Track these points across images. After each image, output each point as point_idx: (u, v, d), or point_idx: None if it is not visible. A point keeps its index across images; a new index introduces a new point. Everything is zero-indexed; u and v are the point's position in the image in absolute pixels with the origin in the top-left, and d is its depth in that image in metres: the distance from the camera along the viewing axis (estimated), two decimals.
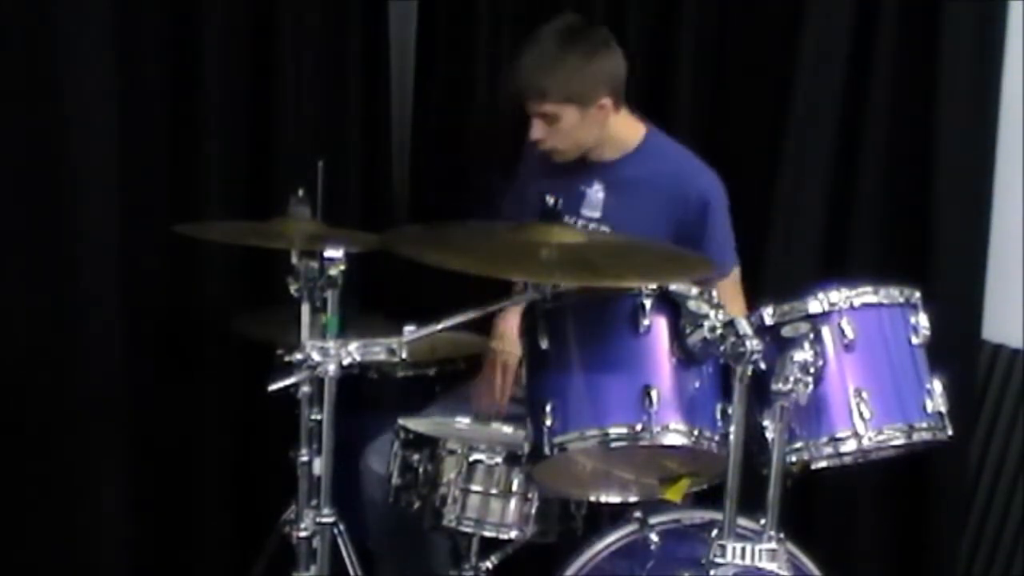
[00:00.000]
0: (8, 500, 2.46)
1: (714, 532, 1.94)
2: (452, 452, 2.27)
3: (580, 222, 2.59)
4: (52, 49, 2.41)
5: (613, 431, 1.94)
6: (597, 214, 2.59)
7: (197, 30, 2.78)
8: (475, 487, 2.25)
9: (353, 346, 2.01)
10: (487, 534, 2.27)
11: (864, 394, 1.97)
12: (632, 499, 2.18)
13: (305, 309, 2.26)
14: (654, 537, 2.18)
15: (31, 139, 2.42)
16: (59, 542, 2.50)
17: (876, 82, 2.78)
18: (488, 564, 2.37)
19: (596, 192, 2.60)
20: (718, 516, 1.94)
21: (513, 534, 2.27)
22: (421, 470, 2.29)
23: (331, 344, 2.02)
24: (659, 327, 1.97)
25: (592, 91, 2.49)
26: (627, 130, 2.61)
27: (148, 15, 2.68)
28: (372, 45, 3.31)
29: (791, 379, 1.86)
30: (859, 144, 2.80)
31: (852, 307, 1.99)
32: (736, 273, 2.59)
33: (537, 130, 2.52)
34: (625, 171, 2.59)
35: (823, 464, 2.02)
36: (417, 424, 2.41)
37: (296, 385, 2.16)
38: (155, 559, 2.75)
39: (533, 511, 2.25)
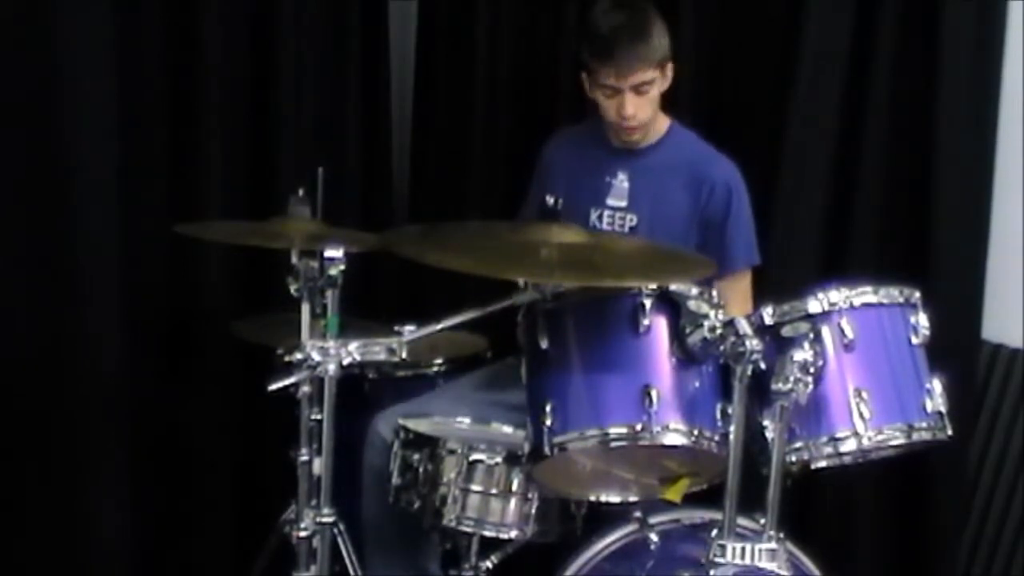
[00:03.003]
0: (8, 499, 2.46)
1: (714, 532, 1.94)
2: (452, 452, 2.27)
3: (606, 213, 2.62)
4: (52, 49, 2.40)
5: (613, 431, 1.94)
6: (623, 203, 2.62)
7: (197, 30, 2.78)
8: (475, 487, 2.25)
9: (353, 346, 2.01)
10: (487, 534, 2.28)
11: (864, 394, 1.97)
12: (632, 499, 2.18)
13: (305, 309, 2.26)
14: (654, 537, 2.18)
15: (31, 140, 2.41)
16: (59, 542, 2.49)
17: (876, 82, 2.78)
18: (488, 564, 2.37)
19: (621, 182, 2.63)
20: (718, 516, 1.94)
21: (513, 534, 2.27)
22: (421, 470, 2.30)
23: (331, 344, 2.02)
24: (659, 327, 1.98)
25: (668, 52, 2.55)
26: (658, 116, 2.65)
27: (148, 15, 2.67)
28: (372, 45, 3.31)
29: (791, 379, 1.86)
30: (859, 144, 2.80)
31: (852, 307, 1.99)
32: (748, 277, 2.60)
33: (630, 104, 2.51)
34: (650, 158, 2.63)
35: (823, 464, 2.02)
36: (417, 424, 2.41)
37: (296, 385, 2.16)
38: (155, 559, 2.74)
39: (533, 511, 2.25)
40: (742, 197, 2.59)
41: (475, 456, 2.25)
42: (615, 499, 2.18)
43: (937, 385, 2.04)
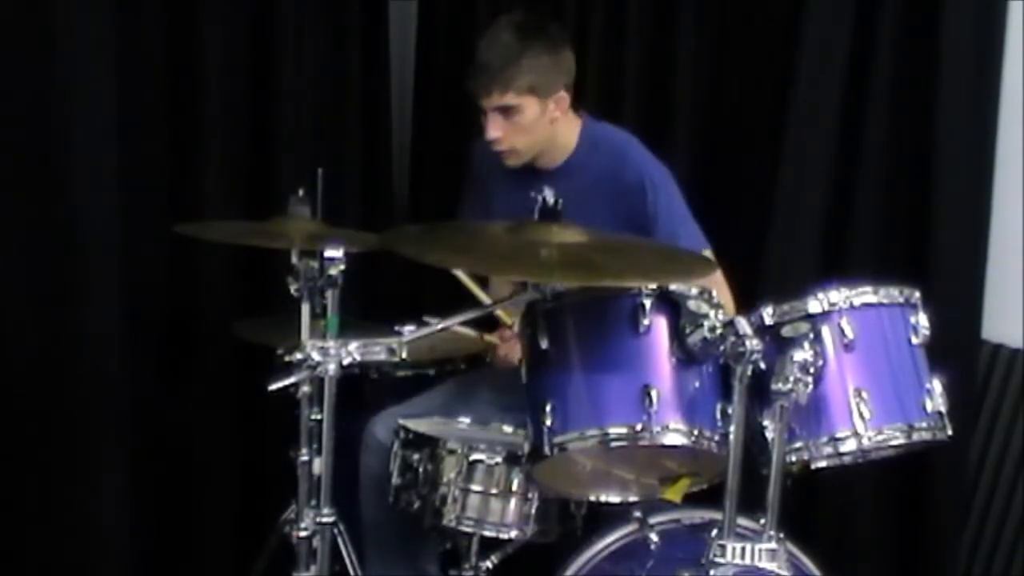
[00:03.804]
0: (8, 499, 2.46)
1: (714, 532, 1.94)
2: (452, 452, 2.27)
3: None
4: (52, 49, 2.41)
5: (613, 431, 1.94)
6: None
7: (197, 29, 2.78)
8: (475, 487, 2.25)
9: (353, 346, 2.01)
10: (487, 534, 2.28)
11: (864, 394, 1.97)
12: (632, 499, 2.18)
13: (305, 309, 2.26)
14: (654, 537, 2.18)
15: (31, 140, 2.42)
16: (59, 542, 2.49)
17: (876, 82, 2.78)
18: (488, 564, 2.37)
19: (548, 197, 2.58)
20: (718, 516, 1.94)
21: (513, 534, 2.27)
22: (421, 470, 2.30)
23: (331, 344, 2.02)
24: (659, 327, 1.97)
25: (554, 82, 2.50)
26: (567, 134, 2.60)
27: (148, 15, 2.68)
28: (372, 45, 3.31)
29: (791, 379, 1.86)
30: (859, 144, 2.80)
31: (852, 307, 1.99)
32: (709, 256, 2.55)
33: (495, 128, 2.49)
34: (569, 174, 2.57)
35: (823, 464, 2.02)
36: (417, 424, 2.41)
37: (296, 385, 2.16)
38: (155, 559, 2.75)
39: (533, 511, 2.25)
40: (664, 189, 2.50)
41: (475, 456, 2.26)
42: (615, 499, 2.17)
43: (937, 385, 2.04)
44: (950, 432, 2.04)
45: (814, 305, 1.98)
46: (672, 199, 2.51)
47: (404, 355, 2.02)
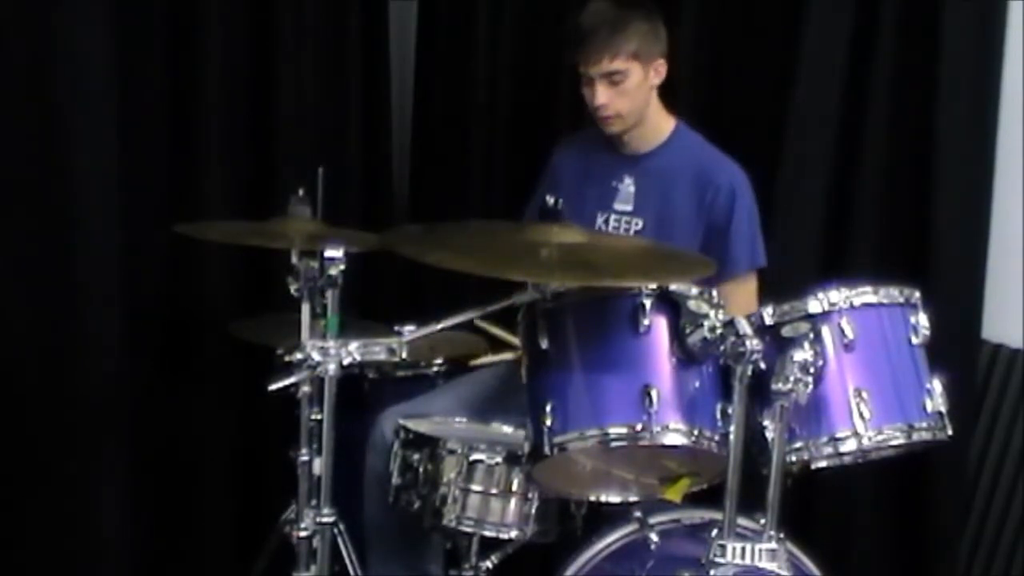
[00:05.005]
0: (7, 500, 2.46)
1: (714, 532, 1.94)
2: (452, 452, 2.27)
3: (612, 217, 2.63)
4: (52, 50, 2.41)
5: (613, 431, 1.94)
6: (629, 207, 2.62)
7: (197, 30, 2.79)
8: (475, 487, 2.25)
9: (353, 346, 2.01)
10: (487, 534, 2.27)
11: (864, 394, 1.97)
12: (632, 499, 2.18)
13: (305, 309, 2.26)
14: (654, 537, 2.18)
15: (31, 139, 2.42)
16: (59, 542, 2.49)
17: (876, 82, 2.78)
18: (488, 564, 2.37)
19: (627, 186, 2.63)
20: (718, 516, 1.94)
21: (513, 534, 2.27)
22: (421, 470, 2.30)
23: (331, 344, 2.02)
24: (659, 327, 1.97)
25: (653, 49, 2.57)
26: (660, 118, 2.66)
27: (148, 15, 2.68)
28: (372, 45, 3.31)
29: (791, 379, 1.86)
30: (859, 144, 2.80)
31: (852, 307, 1.99)
32: (754, 280, 2.60)
33: (602, 94, 2.55)
34: (655, 162, 2.64)
35: (823, 464, 2.02)
36: (417, 424, 2.41)
37: (296, 385, 2.16)
38: (155, 559, 2.75)
39: (533, 511, 2.25)
40: (746, 200, 2.58)
41: (475, 456, 2.26)
42: (615, 499, 2.17)
43: (937, 385, 2.04)
44: (950, 432, 2.04)
45: (814, 305, 1.98)
46: (748, 211, 2.59)
47: (404, 355, 2.02)
